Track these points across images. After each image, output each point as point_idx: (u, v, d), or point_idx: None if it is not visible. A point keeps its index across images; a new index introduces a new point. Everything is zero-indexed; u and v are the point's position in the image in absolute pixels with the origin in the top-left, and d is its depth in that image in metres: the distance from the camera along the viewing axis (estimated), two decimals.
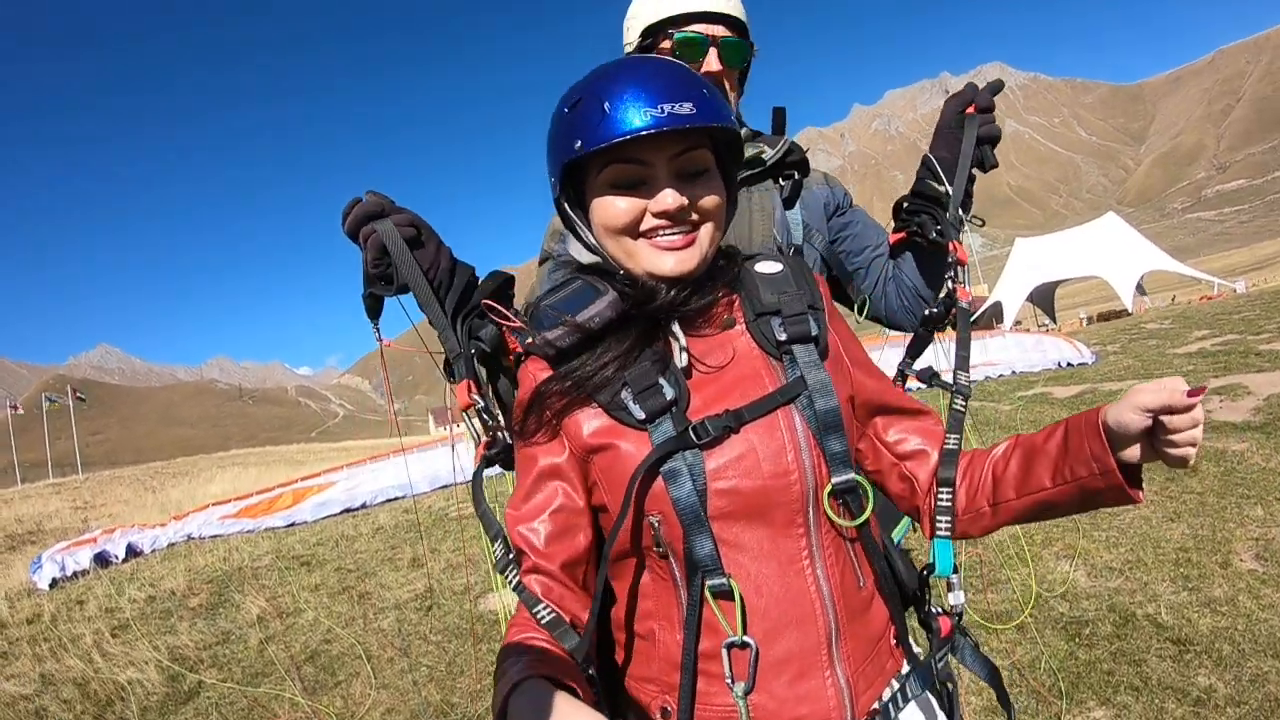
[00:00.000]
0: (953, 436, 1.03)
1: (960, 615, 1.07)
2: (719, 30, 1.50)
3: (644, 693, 0.99)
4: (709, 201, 0.96)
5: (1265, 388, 7.25)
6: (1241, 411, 6.62)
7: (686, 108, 0.89)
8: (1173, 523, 4.46)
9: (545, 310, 1.00)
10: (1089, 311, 33.26)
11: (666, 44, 1.49)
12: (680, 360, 0.97)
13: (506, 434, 1.08)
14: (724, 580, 0.90)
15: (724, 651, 0.91)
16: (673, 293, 0.98)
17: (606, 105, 0.90)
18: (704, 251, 0.98)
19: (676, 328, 1.00)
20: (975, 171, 1.41)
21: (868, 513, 0.97)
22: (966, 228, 1.41)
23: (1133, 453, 0.87)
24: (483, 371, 1.11)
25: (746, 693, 0.90)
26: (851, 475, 0.95)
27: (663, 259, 0.96)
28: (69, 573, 8.06)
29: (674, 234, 0.96)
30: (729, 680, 0.90)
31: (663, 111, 0.88)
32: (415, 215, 1.11)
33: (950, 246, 1.31)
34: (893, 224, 1.55)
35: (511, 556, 0.96)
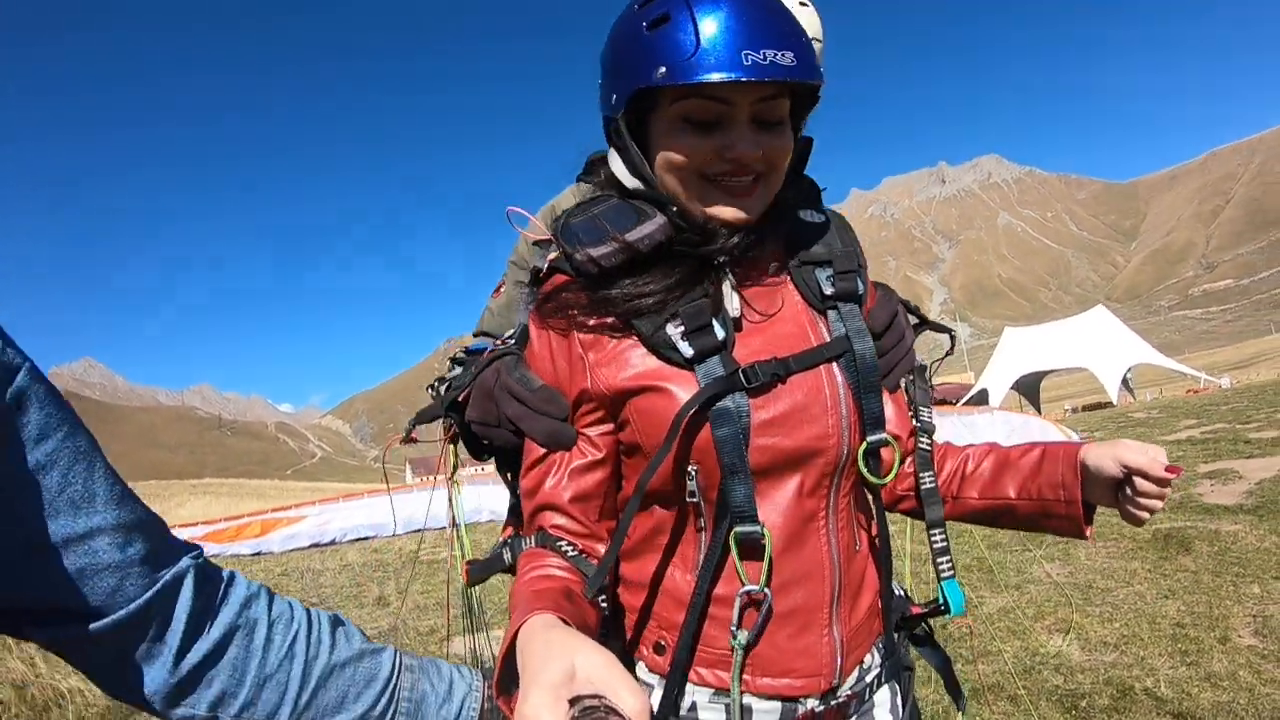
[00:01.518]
0: (926, 475, 1.06)
1: (928, 611, 1.09)
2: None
3: (641, 625, 0.99)
4: (780, 153, 0.92)
5: (1256, 472, 7.22)
6: (1233, 495, 6.56)
7: (789, 58, 0.82)
8: (1168, 599, 4.33)
9: (580, 223, 0.93)
10: (1074, 404, 33.36)
11: None
12: (733, 307, 0.94)
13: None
14: (757, 528, 0.88)
15: (737, 600, 0.90)
16: (735, 239, 0.93)
17: (702, 35, 0.82)
18: (766, 202, 0.94)
19: (729, 272, 0.96)
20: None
21: (896, 469, 0.99)
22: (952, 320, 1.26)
23: (1096, 494, 0.98)
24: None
25: (747, 645, 0.89)
26: (883, 434, 0.96)
27: (727, 205, 0.91)
28: None
29: (741, 181, 0.91)
30: (733, 628, 0.90)
31: (765, 59, 0.81)
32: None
33: None
34: None
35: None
